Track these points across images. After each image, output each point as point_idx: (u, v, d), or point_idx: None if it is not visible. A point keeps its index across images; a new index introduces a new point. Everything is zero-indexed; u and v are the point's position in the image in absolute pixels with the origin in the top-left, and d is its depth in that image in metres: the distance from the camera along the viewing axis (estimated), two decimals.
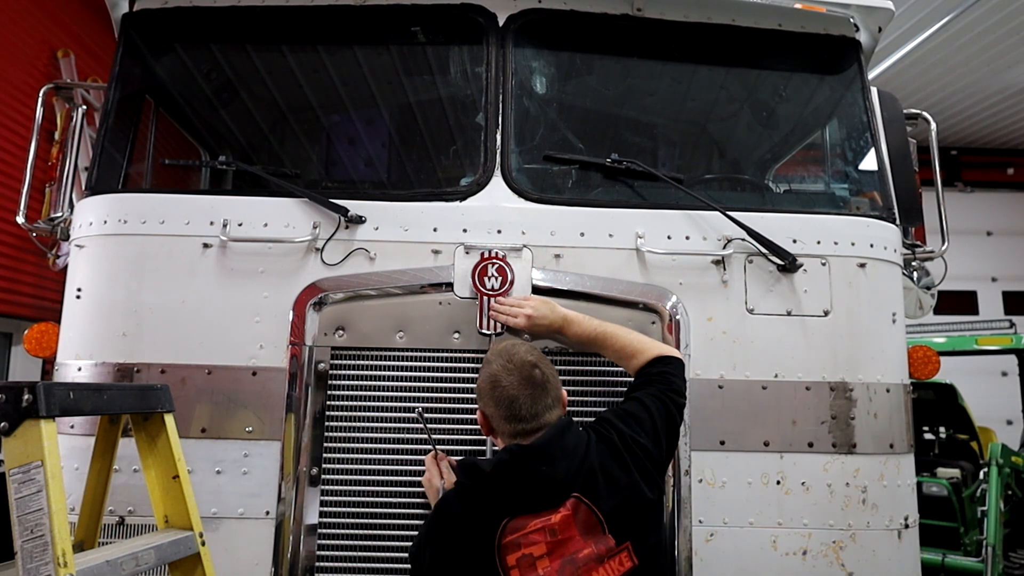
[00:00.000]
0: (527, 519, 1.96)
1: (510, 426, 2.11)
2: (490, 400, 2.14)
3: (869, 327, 2.82)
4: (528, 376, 2.11)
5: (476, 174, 2.86)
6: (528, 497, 1.98)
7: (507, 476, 2.00)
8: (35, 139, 3.24)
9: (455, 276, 2.69)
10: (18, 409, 1.74)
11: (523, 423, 2.08)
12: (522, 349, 2.18)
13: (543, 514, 1.96)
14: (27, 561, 1.68)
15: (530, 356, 2.15)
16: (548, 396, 2.12)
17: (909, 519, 2.75)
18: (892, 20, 3.21)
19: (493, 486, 2.00)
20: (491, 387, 2.13)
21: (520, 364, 2.12)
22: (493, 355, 2.20)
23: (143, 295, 2.70)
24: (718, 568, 2.60)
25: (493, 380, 2.13)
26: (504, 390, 2.10)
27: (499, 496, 1.99)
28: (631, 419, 2.21)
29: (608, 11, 3.05)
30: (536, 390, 2.10)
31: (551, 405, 2.13)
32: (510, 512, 1.97)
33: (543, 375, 2.13)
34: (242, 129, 3.76)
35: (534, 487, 1.99)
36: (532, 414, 2.08)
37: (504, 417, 2.11)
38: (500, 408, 2.11)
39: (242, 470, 2.61)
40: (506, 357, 2.15)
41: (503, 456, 2.04)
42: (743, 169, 3.89)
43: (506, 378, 2.11)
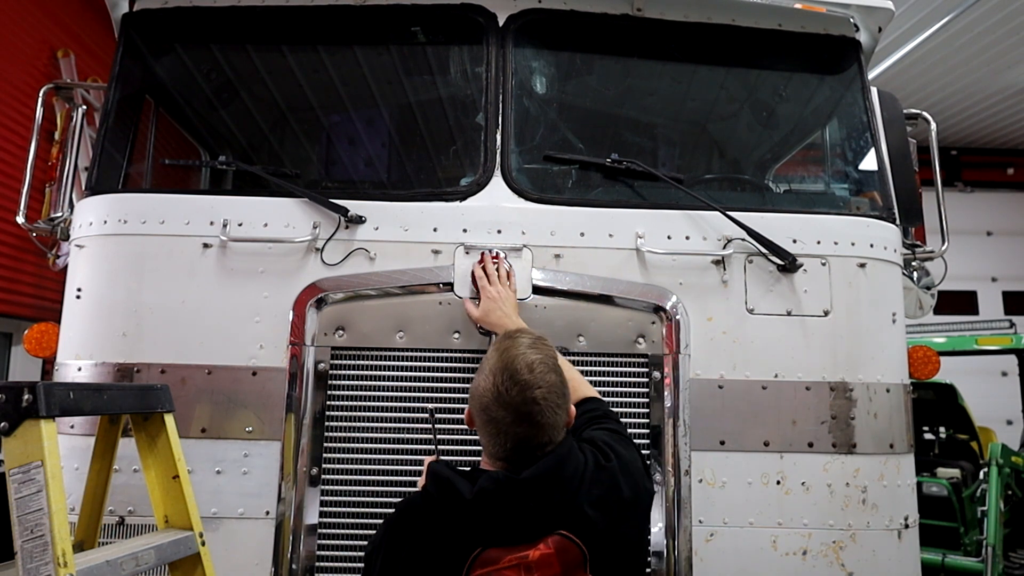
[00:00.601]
0: (502, 552, 1.70)
1: (495, 450, 1.81)
2: (477, 417, 1.84)
3: (869, 327, 2.82)
4: (526, 415, 1.75)
5: (476, 174, 2.86)
6: (507, 529, 1.72)
7: (488, 507, 1.72)
8: (35, 139, 3.24)
9: (455, 276, 2.69)
10: (18, 409, 1.74)
11: (508, 453, 1.79)
12: (528, 375, 1.77)
13: (520, 548, 1.70)
14: (27, 561, 1.68)
15: (535, 390, 1.75)
16: (546, 434, 1.78)
17: (909, 519, 2.75)
18: (892, 20, 3.22)
19: (467, 513, 1.72)
20: (480, 408, 1.81)
21: (520, 400, 1.74)
22: (496, 364, 1.81)
23: (143, 295, 2.70)
24: (718, 568, 2.60)
25: (484, 405, 1.79)
26: (494, 422, 1.78)
27: (471, 524, 1.72)
28: (630, 445, 2.00)
29: (608, 11, 3.05)
30: (532, 429, 1.76)
31: (551, 440, 1.80)
32: (483, 542, 1.71)
33: (543, 412, 1.76)
34: (242, 129, 3.76)
35: (516, 520, 1.72)
36: (522, 450, 1.78)
37: (489, 440, 1.81)
38: (486, 431, 1.81)
39: (242, 470, 2.60)
40: (505, 381, 1.76)
41: (487, 485, 1.73)
42: (743, 169, 3.89)
43: (498, 411, 1.76)
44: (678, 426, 2.62)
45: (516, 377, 1.76)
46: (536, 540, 1.72)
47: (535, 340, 1.89)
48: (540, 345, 1.87)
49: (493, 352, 1.86)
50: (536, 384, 1.76)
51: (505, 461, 1.81)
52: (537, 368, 1.78)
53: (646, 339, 2.69)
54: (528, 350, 1.82)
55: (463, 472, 1.81)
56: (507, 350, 1.83)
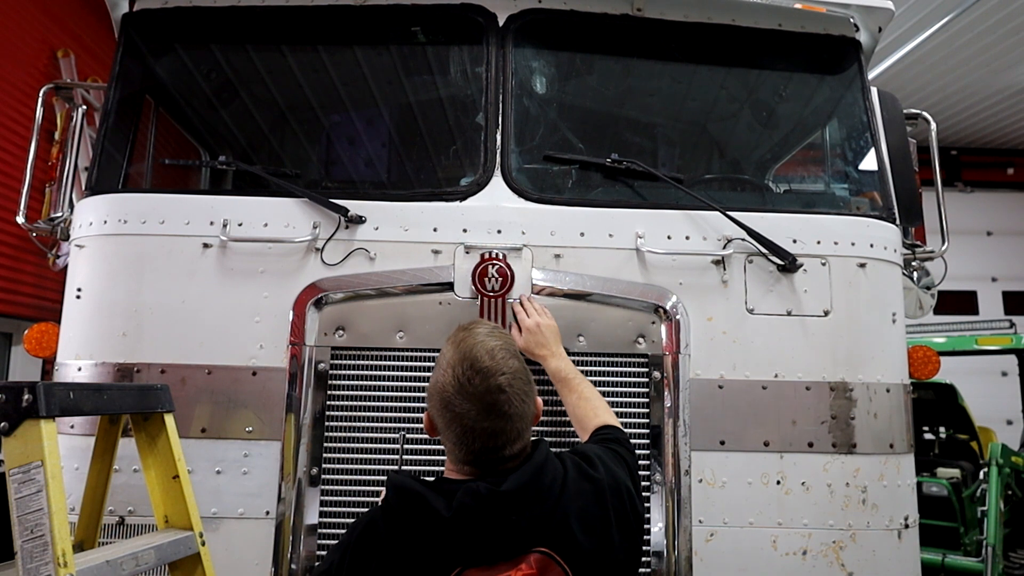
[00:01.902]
0: (481, 573, 1.55)
1: (461, 453, 1.66)
2: (439, 416, 1.68)
3: (869, 327, 2.82)
4: (491, 405, 1.61)
5: (476, 174, 2.86)
6: (484, 546, 1.57)
7: (468, 524, 1.56)
8: (35, 139, 3.24)
9: (455, 276, 2.69)
10: (18, 409, 1.74)
11: (476, 455, 1.65)
12: (489, 362, 1.64)
13: (500, 568, 1.56)
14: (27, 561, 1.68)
15: (499, 377, 1.63)
16: (514, 426, 1.64)
17: (909, 519, 2.75)
18: (892, 20, 3.21)
19: (445, 532, 1.57)
20: (443, 406, 1.65)
21: (484, 389, 1.61)
22: (453, 356, 1.68)
23: (143, 295, 2.70)
24: (718, 568, 2.60)
25: (446, 400, 1.64)
26: (459, 418, 1.62)
27: (448, 542, 1.56)
28: (624, 466, 1.87)
29: (608, 11, 3.05)
30: (499, 421, 1.62)
31: (519, 434, 1.67)
32: (460, 562, 1.55)
33: (511, 401, 1.63)
34: (242, 129, 3.76)
35: (495, 536, 1.57)
36: (490, 448, 1.63)
37: (456, 444, 1.66)
38: (451, 432, 1.66)
39: (242, 470, 2.60)
40: (467, 371, 1.63)
41: (466, 500, 1.57)
42: (743, 169, 3.89)
43: (462, 404, 1.62)
44: (678, 426, 2.62)
45: (477, 365, 1.63)
46: (516, 558, 1.58)
47: (492, 328, 1.78)
48: (497, 333, 1.77)
49: (448, 346, 1.73)
50: (499, 370, 1.64)
51: (473, 465, 1.67)
52: (498, 354, 1.66)
53: (646, 339, 2.69)
54: (486, 338, 1.71)
55: (430, 484, 1.64)
56: (463, 340, 1.71)
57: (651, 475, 2.60)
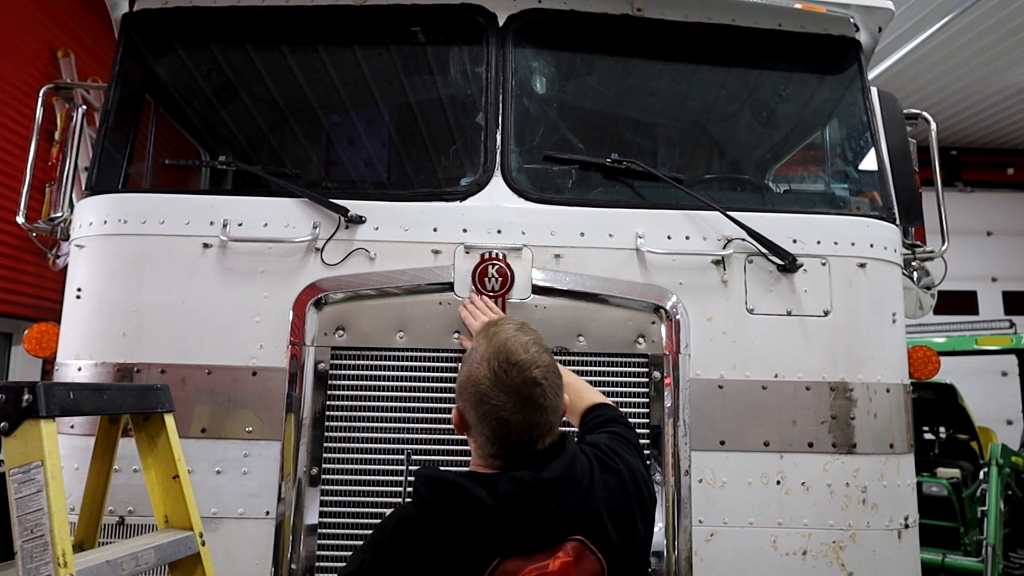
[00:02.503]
0: (520, 562, 1.56)
1: (494, 448, 1.68)
2: (473, 410, 1.69)
3: (869, 327, 2.82)
4: (528, 397, 1.64)
5: (476, 174, 2.86)
6: (525, 536, 1.59)
7: (511, 512, 1.58)
8: (35, 139, 3.24)
9: (455, 276, 2.69)
10: (18, 409, 1.74)
11: (510, 448, 1.67)
12: (524, 355, 1.68)
13: (538, 557, 1.57)
14: (27, 561, 1.68)
15: (535, 370, 1.66)
16: (548, 419, 1.68)
17: (909, 519, 2.75)
18: (892, 20, 3.22)
19: (488, 521, 1.58)
20: (477, 400, 1.67)
21: (520, 381, 1.64)
22: (487, 350, 1.70)
23: (143, 295, 2.70)
24: (718, 568, 2.60)
25: (480, 394, 1.66)
26: (495, 411, 1.64)
27: (491, 532, 1.58)
28: (633, 450, 1.90)
29: (608, 11, 3.05)
30: (535, 414, 1.65)
31: (549, 429, 1.70)
32: (501, 551, 1.56)
33: (546, 394, 1.66)
34: (242, 129, 3.76)
35: (535, 525, 1.60)
36: (525, 441, 1.66)
37: (489, 438, 1.68)
38: (485, 426, 1.67)
39: (242, 470, 2.60)
40: (502, 364, 1.66)
41: (511, 488, 1.59)
42: (743, 169, 3.89)
43: (498, 396, 1.64)
44: (678, 426, 2.63)
45: (512, 358, 1.65)
46: (554, 547, 1.59)
47: (521, 324, 1.80)
48: (527, 328, 1.79)
49: (481, 341, 1.74)
50: (535, 363, 1.67)
51: (505, 460, 1.68)
52: (532, 348, 1.70)
53: (646, 339, 2.69)
54: (518, 332, 1.74)
55: (466, 475, 1.67)
56: (495, 335, 1.73)
57: (651, 475, 2.60)
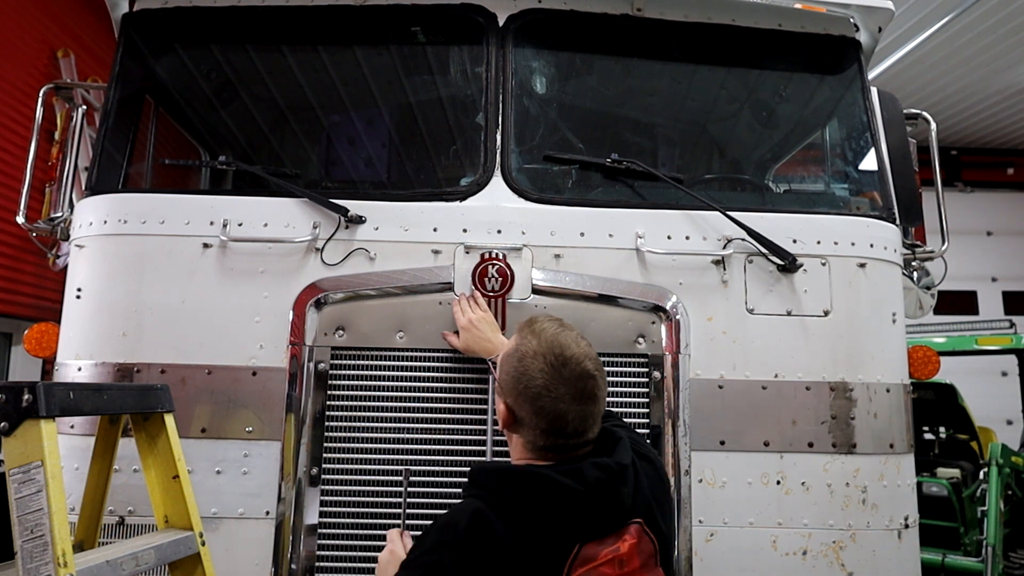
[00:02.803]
0: (596, 547, 1.63)
1: (547, 440, 1.73)
2: (526, 404, 1.73)
3: (869, 327, 2.82)
4: (582, 390, 1.70)
5: (476, 174, 2.86)
6: (600, 521, 1.66)
7: (599, 497, 1.64)
8: (35, 139, 3.24)
9: (455, 276, 2.69)
10: (18, 409, 1.74)
11: (566, 439, 1.72)
12: (577, 349, 1.74)
13: (608, 540, 1.64)
14: (27, 561, 1.68)
15: (588, 362, 1.73)
16: (599, 410, 1.75)
17: (909, 519, 2.75)
18: (892, 20, 3.21)
19: (574, 508, 1.62)
20: (533, 394, 1.71)
21: (577, 374, 1.70)
22: (539, 346, 1.75)
23: (143, 295, 2.70)
24: (718, 568, 2.60)
25: (537, 388, 1.70)
26: (552, 403, 1.69)
27: (573, 519, 1.63)
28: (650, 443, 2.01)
29: (608, 11, 3.05)
30: (589, 405, 1.72)
31: (596, 420, 1.76)
32: (580, 537, 1.62)
33: (598, 385, 1.74)
34: (242, 129, 3.76)
35: (609, 510, 1.67)
36: (580, 431, 1.72)
37: (544, 431, 1.72)
38: (540, 420, 1.71)
39: (242, 470, 2.60)
40: (558, 357, 1.71)
41: (598, 474, 1.65)
42: (743, 169, 3.89)
43: (556, 389, 1.69)
44: (678, 426, 2.63)
45: (566, 353, 1.72)
46: (620, 531, 1.67)
47: (560, 321, 1.85)
48: (566, 323, 1.85)
49: (528, 337, 1.79)
50: (587, 356, 1.74)
51: (555, 451, 1.73)
52: (582, 342, 1.77)
53: (646, 339, 2.69)
54: (562, 328, 1.80)
55: (540, 468, 1.70)
56: (543, 332, 1.78)
57: None
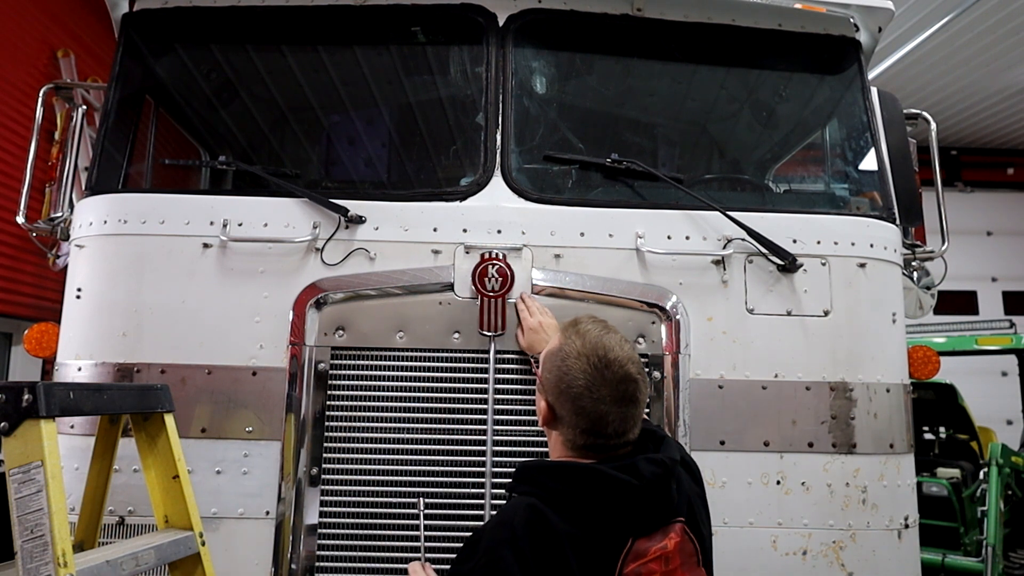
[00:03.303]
0: (647, 542, 1.65)
1: (588, 439, 1.75)
2: (568, 403, 1.75)
3: (869, 327, 2.81)
4: (624, 392, 1.71)
5: (476, 174, 2.86)
6: (651, 517, 1.69)
7: (654, 492, 1.67)
8: (35, 139, 3.24)
9: (455, 276, 2.69)
10: (18, 409, 1.74)
11: (606, 439, 1.73)
12: (620, 352, 1.75)
13: (657, 537, 1.67)
14: (27, 561, 1.68)
15: (631, 366, 1.74)
16: (640, 412, 1.77)
17: (909, 519, 2.75)
18: (892, 20, 3.22)
19: (629, 503, 1.65)
20: (575, 395, 1.73)
21: (619, 378, 1.71)
22: (583, 347, 1.76)
23: (143, 295, 2.70)
24: (718, 568, 2.56)
25: (579, 388, 1.72)
26: (594, 403, 1.71)
27: (628, 514, 1.66)
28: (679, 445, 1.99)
29: (608, 11, 3.05)
30: (630, 408, 1.73)
31: (637, 421, 1.78)
32: (633, 532, 1.65)
33: (639, 388, 1.75)
34: (242, 129, 3.76)
35: (661, 507, 1.70)
36: (620, 432, 1.73)
37: (585, 431, 1.74)
38: (581, 419, 1.73)
39: (242, 470, 2.60)
40: (601, 360, 1.73)
41: (655, 469, 1.68)
42: (743, 169, 3.89)
43: (598, 390, 1.71)
44: (678, 426, 2.63)
45: (609, 355, 1.73)
46: (665, 528, 1.69)
47: (604, 324, 1.86)
48: (610, 326, 1.86)
49: (574, 338, 1.79)
50: (630, 359, 1.75)
51: (595, 451, 1.74)
52: (625, 345, 1.78)
53: (646, 339, 2.69)
54: (605, 331, 1.81)
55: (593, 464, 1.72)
56: (587, 333, 1.79)
57: None
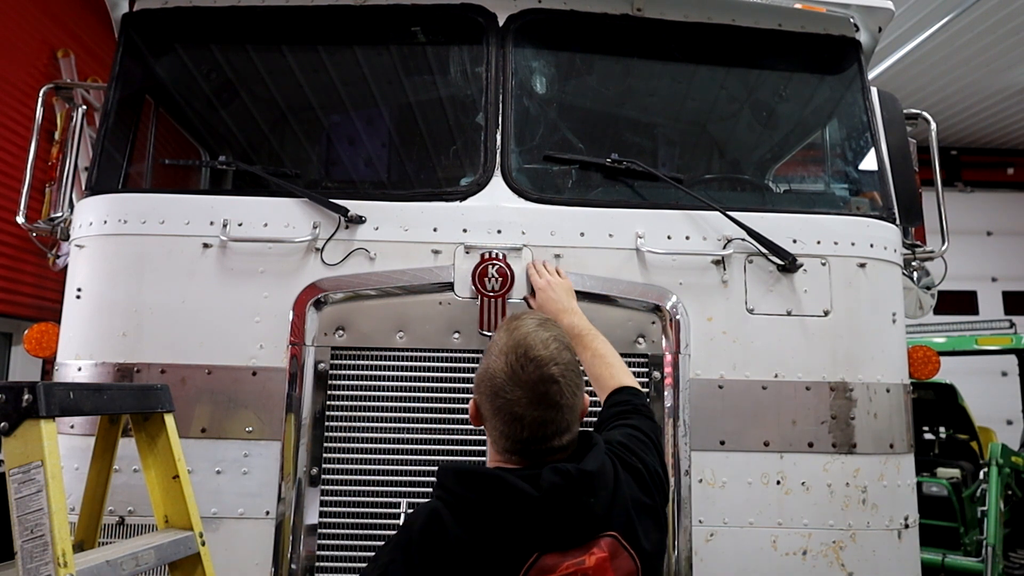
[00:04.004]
0: (556, 558, 1.53)
1: (508, 442, 1.66)
2: (488, 403, 1.67)
3: (869, 327, 2.81)
4: (543, 395, 1.61)
5: (476, 174, 2.86)
6: (562, 530, 1.55)
7: (554, 504, 1.54)
8: (35, 139, 3.24)
9: (455, 276, 2.69)
10: (18, 409, 1.74)
11: (526, 444, 1.64)
12: (544, 351, 1.64)
13: (573, 553, 1.54)
14: (27, 561, 1.68)
15: (553, 366, 1.63)
16: (565, 418, 1.64)
17: (909, 519, 2.75)
18: (892, 20, 3.22)
19: (529, 514, 1.53)
20: (492, 392, 1.65)
21: (537, 378, 1.61)
22: (507, 343, 1.68)
23: (143, 295, 2.70)
24: (718, 568, 2.60)
25: (496, 387, 1.64)
26: (509, 405, 1.62)
27: (530, 525, 1.54)
28: (649, 448, 1.87)
29: (608, 11, 3.05)
30: (550, 412, 1.61)
31: (568, 426, 1.66)
32: (539, 546, 1.53)
33: (562, 392, 1.63)
34: (242, 129, 3.76)
35: (572, 519, 1.56)
36: (539, 437, 1.62)
37: (502, 432, 1.65)
38: (498, 420, 1.65)
39: (242, 470, 2.60)
40: (520, 358, 1.63)
41: (555, 478, 1.55)
42: (743, 169, 3.89)
43: (513, 391, 1.61)
44: (678, 426, 2.63)
45: (531, 353, 1.63)
46: (587, 544, 1.56)
47: (544, 320, 1.77)
48: (550, 324, 1.76)
49: (501, 333, 1.73)
50: (553, 360, 1.63)
51: (520, 455, 1.64)
52: (552, 344, 1.66)
53: (646, 339, 2.69)
54: (538, 328, 1.71)
55: (500, 470, 1.62)
56: (516, 329, 1.71)
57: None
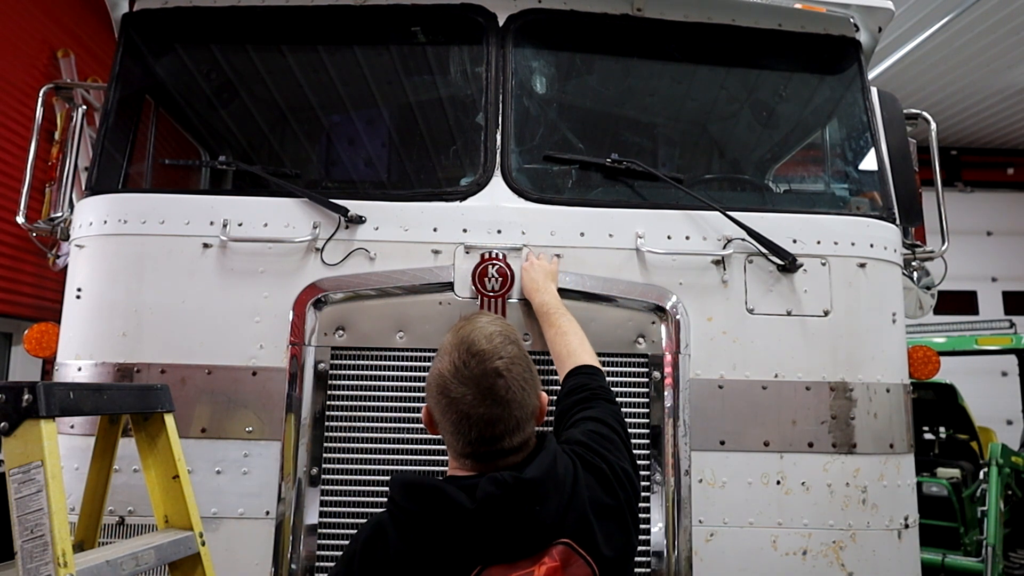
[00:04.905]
0: (502, 570, 1.48)
1: (459, 445, 1.61)
2: (436, 404, 1.63)
3: (869, 327, 2.82)
4: (488, 389, 1.56)
5: (476, 174, 2.86)
6: (507, 542, 1.50)
7: (492, 516, 1.49)
8: (35, 139, 3.24)
9: (455, 276, 2.69)
10: (18, 409, 1.74)
11: (476, 445, 1.59)
12: (487, 345, 1.60)
13: (521, 564, 1.49)
14: (27, 561, 1.68)
15: (497, 360, 1.58)
16: (513, 415, 1.58)
17: (909, 519, 2.75)
18: (892, 20, 3.22)
19: (468, 526, 1.49)
20: (439, 391, 1.61)
21: (480, 372, 1.56)
22: (452, 341, 1.65)
23: (143, 295, 2.70)
24: (718, 568, 2.60)
25: (442, 386, 1.60)
26: (454, 403, 1.57)
27: (470, 538, 1.49)
28: (614, 444, 1.82)
29: (608, 11, 3.05)
30: (496, 408, 1.56)
31: (519, 425, 1.60)
32: (482, 559, 1.48)
33: (509, 387, 1.57)
34: (242, 129, 3.76)
35: (518, 530, 1.51)
36: (489, 437, 1.57)
37: (452, 434, 1.61)
38: (447, 421, 1.60)
39: (242, 470, 2.60)
40: (463, 354, 1.59)
41: (491, 489, 1.50)
42: (743, 169, 3.89)
43: (457, 388, 1.57)
44: (678, 426, 2.63)
45: (473, 348, 1.59)
46: (539, 552, 1.51)
47: (494, 318, 1.75)
48: (499, 321, 1.74)
49: (449, 334, 1.70)
50: (497, 354, 1.59)
51: (473, 459, 1.60)
52: (496, 339, 1.63)
53: (646, 339, 2.69)
54: (486, 324, 1.68)
55: (442, 479, 1.59)
56: (462, 328, 1.69)
57: (651, 475, 2.60)
